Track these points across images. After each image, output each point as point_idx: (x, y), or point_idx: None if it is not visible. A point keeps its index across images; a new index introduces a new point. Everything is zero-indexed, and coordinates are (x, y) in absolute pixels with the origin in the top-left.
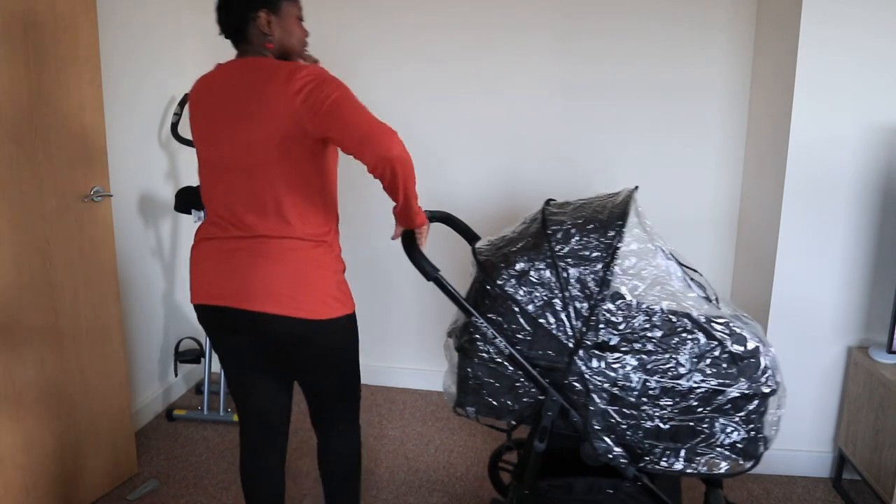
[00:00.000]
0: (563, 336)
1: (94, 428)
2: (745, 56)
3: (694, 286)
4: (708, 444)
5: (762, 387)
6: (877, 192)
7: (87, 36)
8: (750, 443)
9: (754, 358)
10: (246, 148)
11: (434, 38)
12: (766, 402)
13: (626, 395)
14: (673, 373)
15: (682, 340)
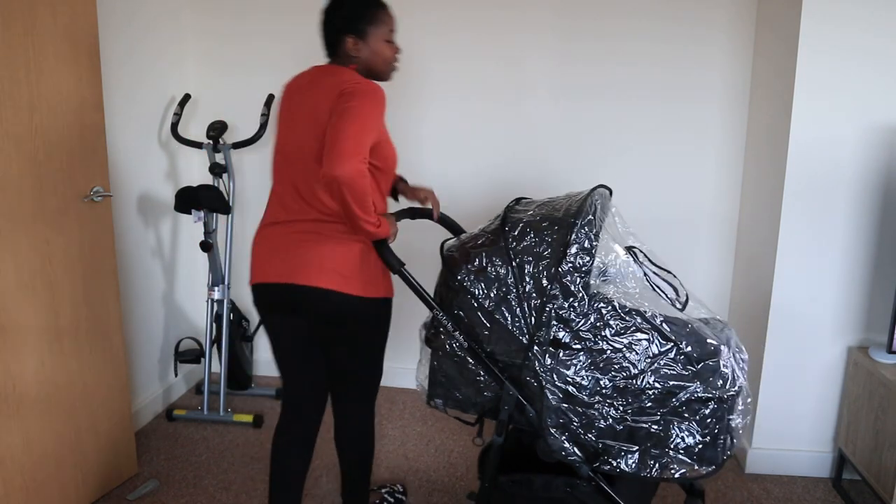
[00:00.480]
0: (517, 332)
1: (94, 428)
2: (745, 56)
3: (664, 287)
4: (662, 447)
5: (719, 391)
6: (877, 192)
7: (87, 36)
8: (707, 448)
9: (713, 361)
10: (304, 140)
11: (432, 39)
12: (724, 406)
13: (579, 393)
14: (626, 372)
15: (635, 340)
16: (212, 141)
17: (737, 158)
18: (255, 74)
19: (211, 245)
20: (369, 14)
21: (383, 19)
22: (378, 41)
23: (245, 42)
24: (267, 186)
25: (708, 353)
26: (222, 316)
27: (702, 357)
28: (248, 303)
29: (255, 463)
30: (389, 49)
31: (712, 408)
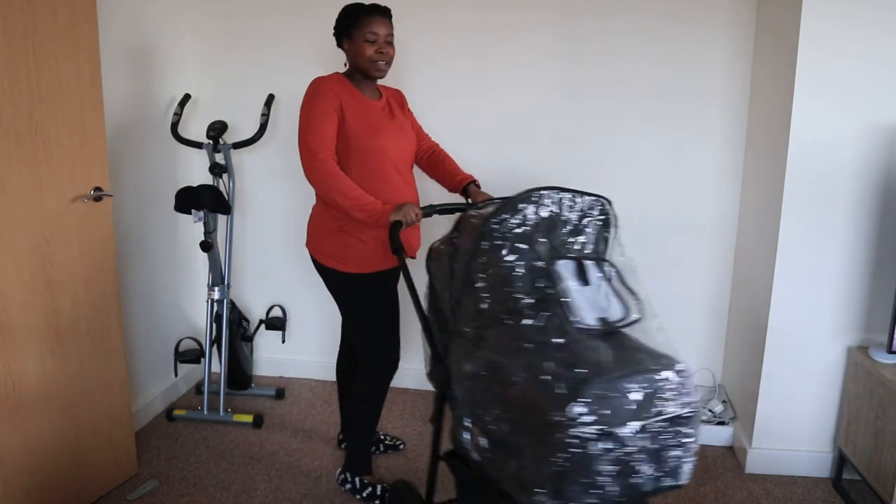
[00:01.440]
0: (447, 321)
1: (94, 428)
2: (745, 55)
3: (611, 305)
4: (524, 467)
5: (559, 415)
6: (877, 192)
7: (87, 36)
8: (555, 478)
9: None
10: None
11: (432, 38)
12: (565, 432)
13: (474, 391)
14: (506, 380)
15: (516, 348)
16: (212, 141)
17: (737, 158)
18: (255, 74)
19: (211, 245)
20: (352, 19)
21: (366, 22)
22: (359, 41)
23: (245, 42)
24: (266, 186)
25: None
26: (222, 316)
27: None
28: (248, 303)
29: (255, 463)
30: (369, 48)
31: (557, 435)
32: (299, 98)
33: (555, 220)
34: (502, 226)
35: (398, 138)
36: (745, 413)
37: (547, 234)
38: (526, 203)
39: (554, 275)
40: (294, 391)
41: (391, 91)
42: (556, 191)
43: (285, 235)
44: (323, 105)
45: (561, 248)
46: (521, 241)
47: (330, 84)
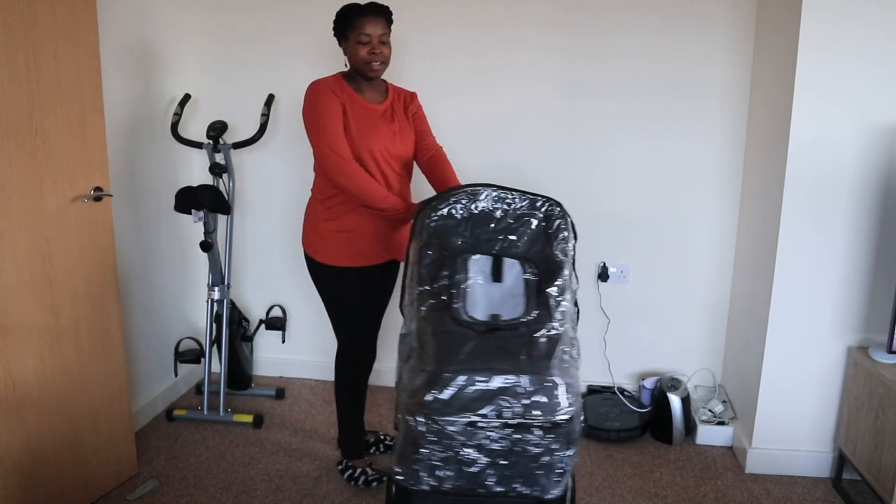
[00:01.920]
0: None
1: (94, 428)
2: (745, 55)
3: (514, 301)
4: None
5: (404, 395)
6: (877, 192)
7: (87, 35)
8: (399, 457)
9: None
10: None
11: (431, 33)
12: (402, 412)
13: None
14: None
15: (407, 333)
16: (212, 141)
17: (737, 158)
18: (255, 74)
19: (211, 245)
20: (346, 21)
21: (359, 22)
22: (353, 42)
23: (245, 42)
24: (266, 186)
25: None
26: (222, 316)
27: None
28: (247, 302)
29: (255, 463)
30: (363, 49)
31: (403, 416)
32: (299, 98)
33: (486, 216)
34: (428, 218)
35: (388, 141)
36: (745, 413)
37: (472, 229)
38: (459, 197)
39: (457, 266)
40: (294, 391)
41: (403, 93)
42: (495, 188)
43: (285, 235)
44: (329, 105)
45: (483, 244)
46: (439, 233)
47: (330, 86)
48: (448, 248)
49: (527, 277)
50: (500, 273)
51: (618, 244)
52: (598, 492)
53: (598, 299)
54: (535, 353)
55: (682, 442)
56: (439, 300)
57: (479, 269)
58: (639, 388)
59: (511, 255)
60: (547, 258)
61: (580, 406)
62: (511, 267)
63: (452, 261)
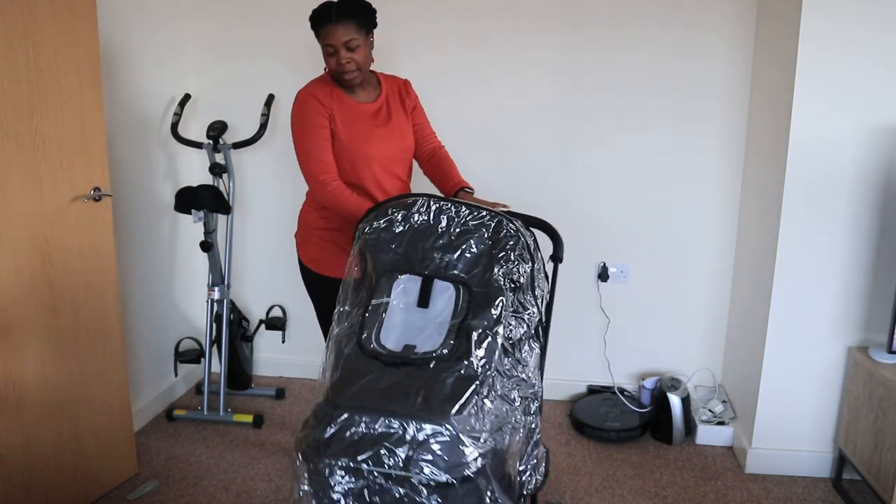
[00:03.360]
0: None
1: (94, 428)
2: (745, 55)
3: (428, 325)
4: None
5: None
6: (877, 192)
7: (87, 36)
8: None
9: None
10: None
11: (428, 29)
12: (298, 442)
13: None
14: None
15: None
16: (212, 141)
17: (737, 157)
18: (255, 74)
19: (211, 245)
20: (313, 29)
21: (321, 33)
22: (323, 53)
23: (245, 42)
24: (266, 186)
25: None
26: (222, 316)
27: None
28: (247, 302)
29: (255, 463)
30: (330, 60)
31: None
32: None
33: (427, 230)
34: (367, 228)
35: (387, 143)
36: (745, 413)
37: (408, 244)
38: (398, 208)
39: (379, 287)
40: (294, 391)
41: (396, 83)
42: (437, 200)
43: (285, 235)
44: (313, 118)
45: (415, 263)
46: (370, 247)
47: (315, 93)
48: (375, 266)
49: (459, 304)
50: (428, 297)
51: (618, 244)
52: (598, 492)
53: (598, 299)
54: (435, 394)
55: (682, 442)
56: (351, 323)
57: (405, 292)
58: (639, 388)
59: (445, 278)
60: (486, 283)
61: (496, 467)
62: (443, 291)
63: (375, 280)
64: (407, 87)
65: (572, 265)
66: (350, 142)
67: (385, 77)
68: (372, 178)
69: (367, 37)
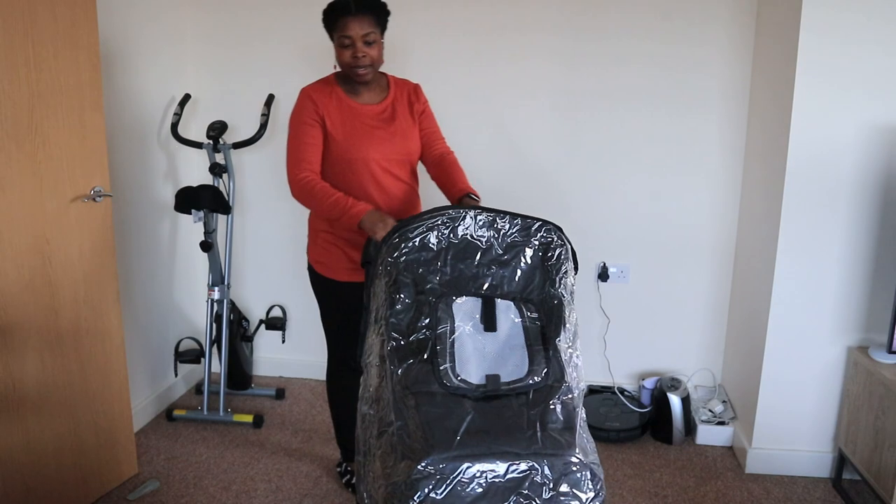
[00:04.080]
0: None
1: (94, 428)
2: (746, 55)
3: (503, 350)
4: None
5: (388, 483)
6: (877, 192)
7: (87, 36)
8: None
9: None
10: None
11: (428, 40)
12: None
13: (364, 430)
14: (374, 428)
15: (385, 397)
16: (212, 141)
17: (737, 157)
18: (255, 74)
19: (211, 245)
20: (328, 21)
21: (338, 24)
22: (336, 45)
23: (245, 42)
24: (266, 186)
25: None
26: (222, 316)
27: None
28: (248, 302)
29: (255, 463)
30: (345, 53)
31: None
32: None
33: (469, 247)
34: (396, 250)
35: (386, 145)
36: (745, 413)
37: (454, 262)
38: (434, 222)
39: (438, 313)
40: (294, 391)
41: (406, 87)
42: (480, 210)
43: (285, 235)
44: (303, 118)
45: (468, 282)
46: (408, 268)
47: (313, 94)
48: (424, 289)
49: (527, 324)
50: (494, 319)
51: (618, 244)
52: None
53: (598, 299)
54: (551, 426)
55: (682, 442)
56: (420, 358)
57: (466, 315)
58: (639, 388)
59: (504, 296)
60: (547, 298)
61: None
62: (505, 311)
63: (432, 305)
64: (417, 91)
65: None
66: (346, 141)
67: (396, 80)
68: (371, 179)
69: (381, 35)
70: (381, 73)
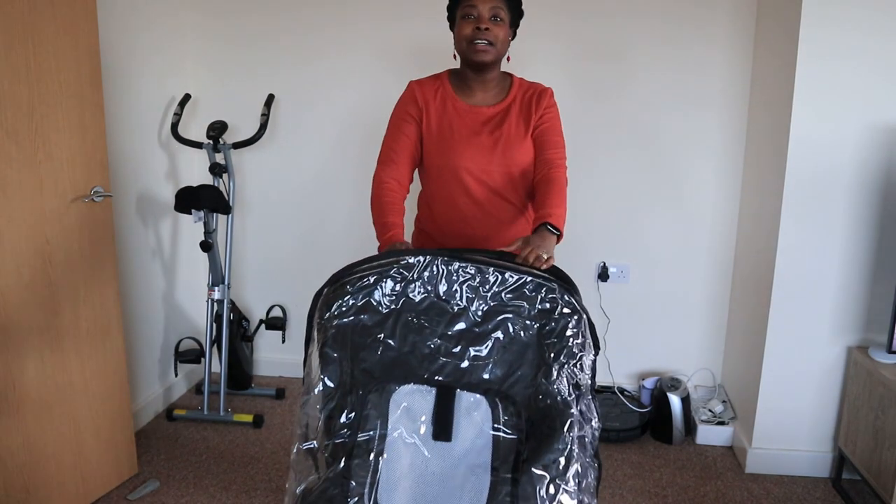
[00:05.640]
0: None
1: (94, 428)
2: (745, 55)
3: (458, 470)
4: None
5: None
6: (876, 192)
7: (87, 36)
8: None
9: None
10: None
11: (424, 33)
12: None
13: None
14: None
15: None
16: (212, 141)
17: (737, 157)
18: (255, 74)
19: (211, 245)
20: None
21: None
22: (458, 21)
23: (245, 42)
24: (266, 186)
25: None
26: (222, 316)
27: None
28: (248, 302)
29: (255, 463)
30: (467, 26)
31: None
32: (299, 98)
33: (432, 309)
34: (329, 309)
35: (483, 153)
36: (745, 413)
37: (404, 331)
38: (386, 271)
39: (367, 410)
40: (294, 391)
41: (532, 91)
42: (454, 257)
43: (286, 235)
44: (401, 106)
45: (421, 363)
46: (346, 337)
47: (417, 87)
48: (355, 371)
49: (500, 435)
50: (450, 423)
51: (618, 244)
52: (598, 492)
53: (598, 299)
54: None
55: (682, 442)
56: (332, 476)
57: (409, 414)
58: (639, 387)
59: (472, 388)
60: (540, 395)
61: None
62: (470, 411)
63: (359, 396)
64: (541, 96)
65: (573, 265)
66: (437, 144)
67: (522, 82)
68: (464, 193)
69: (510, 23)
70: (505, 74)
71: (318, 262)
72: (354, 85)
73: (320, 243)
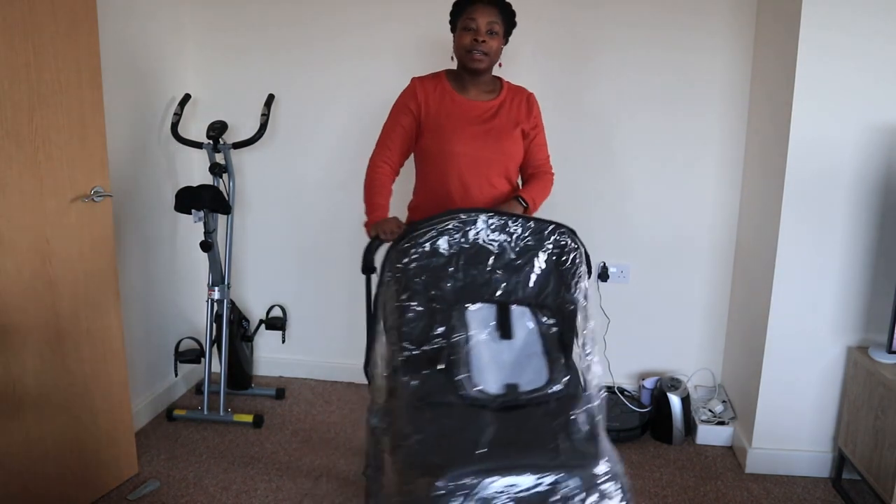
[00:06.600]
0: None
1: (94, 428)
2: (745, 56)
3: (520, 358)
4: None
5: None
6: (876, 192)
7: (87, 36)
8: None
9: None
10: None
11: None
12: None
13: (374, 444)
14: (390, 442)
15: (401, 408)
16: (212, 141)
17: (737, 158)
18: (255, 74)
19: (211, 245)
20: (458, 7)
21: (466, 9)
22: (458, 31)
23: (245, 42)
24: (266, 186)
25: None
26: (222, 316)
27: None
28: (248, 302)
29: (255, 463)
30: (466, 36)
31: None
32: (299, 98)
33: (481, 252)
34: (406, 256)
35: (477, 141)
36: (745, 413)
37: (466, 267)
38: (444, 226)
39: (452, 321)
40: (294, 391)
41: (521, 94)
42: (491, 213)
43: (285, 235)
44: (400, 103)
45: (481, 288)
46: (419, 275)
47: (418, 82)
48: (436, 297)
49: (543, 331)
50: (509, 327)
51: (618, 244)
52: None
53: (598, 299)
54: (575, 436)
55: (682, 442)
56: (435, 368)
57: (481, 323)
58: (639, 387)
59: (519, 302)
60: (563, 303)
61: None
62: (521, 317)
63: (445, 313)
64: (530, 101)
65: None
66: (435, 130)
67: (510, 86)
68: (456, 177)
69: (503, 34)
70: (496, 77)
71: (318, 262)
72: (354, 85)
73: (320, 243)
